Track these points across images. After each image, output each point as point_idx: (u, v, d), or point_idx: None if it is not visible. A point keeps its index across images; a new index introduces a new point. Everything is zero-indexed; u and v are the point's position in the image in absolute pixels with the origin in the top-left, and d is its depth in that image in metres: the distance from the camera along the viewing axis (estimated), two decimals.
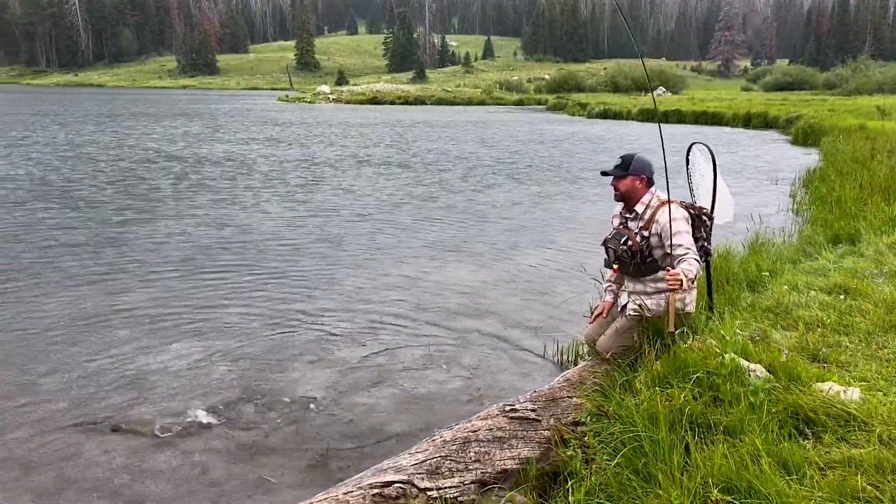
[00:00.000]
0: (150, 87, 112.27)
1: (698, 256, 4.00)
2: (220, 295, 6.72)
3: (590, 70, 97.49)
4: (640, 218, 4.15)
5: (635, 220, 4.18)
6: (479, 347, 5.49)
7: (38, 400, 4.46)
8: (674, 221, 4.01)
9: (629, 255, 4.10)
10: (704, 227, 4.27)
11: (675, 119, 36.47)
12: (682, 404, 3.12)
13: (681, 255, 3.94)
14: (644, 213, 4.14)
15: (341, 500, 2.78)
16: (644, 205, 4.16)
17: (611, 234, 4.28)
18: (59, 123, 30.81)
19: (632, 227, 4.17)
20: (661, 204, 4.11)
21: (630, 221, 4.20)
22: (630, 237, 4.10)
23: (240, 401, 4.50)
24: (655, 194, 4.20)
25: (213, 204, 11.69)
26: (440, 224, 10.35)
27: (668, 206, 4.07)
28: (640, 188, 4.16)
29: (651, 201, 4.16)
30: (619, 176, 4.17)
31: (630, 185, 4.16)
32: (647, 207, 4.15)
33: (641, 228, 4.11)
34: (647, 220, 4.11)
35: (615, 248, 4.16)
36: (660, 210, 4.08)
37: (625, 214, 4.25)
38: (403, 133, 29.15)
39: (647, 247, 4.07)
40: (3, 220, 10.02)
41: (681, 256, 3.93)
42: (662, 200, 4.14)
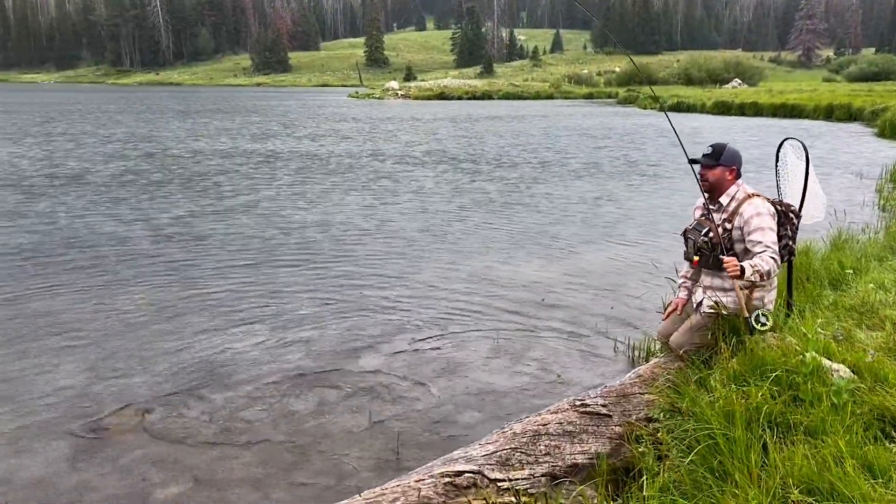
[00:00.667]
0: (225, 84, 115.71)
1: (777, 254, 3.88)
2: (291, 286, 6.90)
3: (662, 62, 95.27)
4: (724, 210, 4.04)
5: (718, 211, 4.07)
6: (549, 341, 5.48)
7: (128, 382, 4.68)
8: (758, 216, 3.89)
9: (709, 247, 4.00)
10: (791, 224, 4.12)
11: (752, 112, 35.36)
12: (760, 403, 3.04)
13: (758, 253, 3.83)
14: (729, 205, 4.03)
15: (413, 488, 2.83)
16: (729, 197, 4.04)
17: (691, 224, 4.19)
18: (143, 120, 32.12)
19: (714, 218, 4.06)
20: (748, 197, 4.00)
21: (713, 213, 4.09)
22: (712, 229, 4.00)
23: (313, 388, 4.62)
24: (742, 186, 4.08)
25: (285, 197, 11.98)
26: (508, 218, 10.33)
27: (754, 199, 3.96)
28: (729, 179, 4.05)
29: (737, 193, 4.04)
30: (709, 165, 4.05)
31: (720, 176, 4.05)
32: (732, 199, 4.03)
33: (724, 220, 3.99)
34: (731, 213, 4.00)
35: (695, 238, 4.07)
36: (745, 203, 3.97)
37: (708, 205, 4.14)
38: (470, 128, 29.18)
39: (729, 240, 3.96)
40: (90, 211, 10.52)
41: (758, 253, 3.83)
42: (749, 193, 4.03)
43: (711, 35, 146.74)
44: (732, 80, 65.62)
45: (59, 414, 4.24)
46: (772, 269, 3.80)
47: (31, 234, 9.05)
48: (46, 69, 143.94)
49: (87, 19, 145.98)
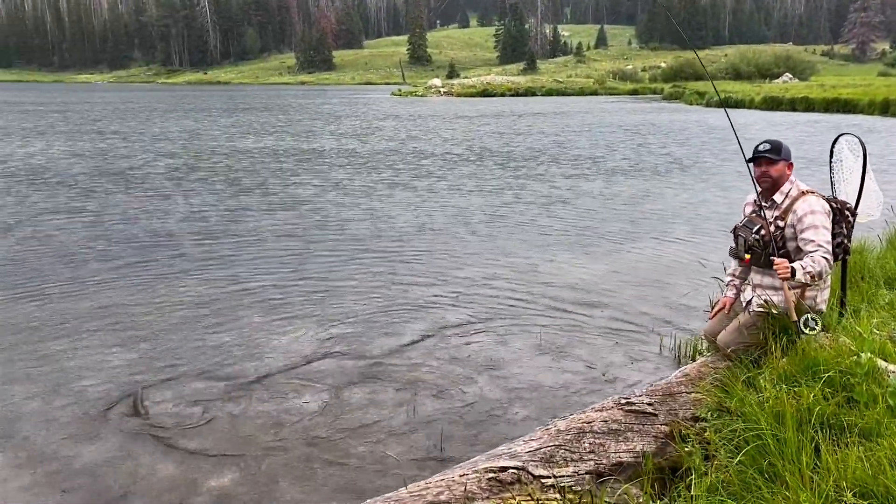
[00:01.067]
0: (270, 83, 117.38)
1: (830, 254, 3.78)
2: (336, 281, 6.97)
3: (709, 57, 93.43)
4: (777, 207, 3.94)
5: (771, 208, 3.97)
6: (593, 339, 5.43)
7: (177, 374, 4.80)
8: (811, 214, 3.79)
9: (761, 245, 3.91)
10: (846, 222, 3.99)
11: (803, 107, 34.44)
12: (812, 403, 2.97)
13: (810, 252, 3.74)
14: (783, 203, 3.93)
15: (458, 482, 2.84)
16: (783, 194, 3.94)
17: (741, 221, 4.10)
18: (192, 119, 32.81)
19: (766, 215, 3.97)
20: (802, 194, 3.90)
21: (766, 210, 4.00)
22: (763, 226, 3.91)
23: (357, 382, 4.67)
24: (796, 183, 3.97)
25: (330, 194, 12.12)
26: (552, 215, 10.27)
27: (808, 196, 3.86)
28: (788, 174, 3.96)
29: (791, 190, 3.94)
30: (772, 160, 3.94)
31: (781, 171, 3.94)
32: (786, 197, 3.93)
33: (777, 218, 3.90)
34: (784, 210, 3.90)
35: (746, 236, 3.98)
36: (799, 200, 3.87)
37: (759, 202, 4.05)
38: (512, 124, 29.07)
39: (781, 238, 3.87)
40: (142, 207, 10.80)
41: (810, 252, 3.74)
42: (802, 190, 3.93)
43: (761, 29, 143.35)
44: (783, 75, 63.98)
45: (111, 403, 4.37)
46: (823, 270, 3.71)
47: (86, 228, 9.33)
48: (100, 70, 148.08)
49: (139, 20, 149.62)
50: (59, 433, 4.01)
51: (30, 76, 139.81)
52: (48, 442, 3.91)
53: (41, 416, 4.22)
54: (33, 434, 4.00)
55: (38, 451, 3.82)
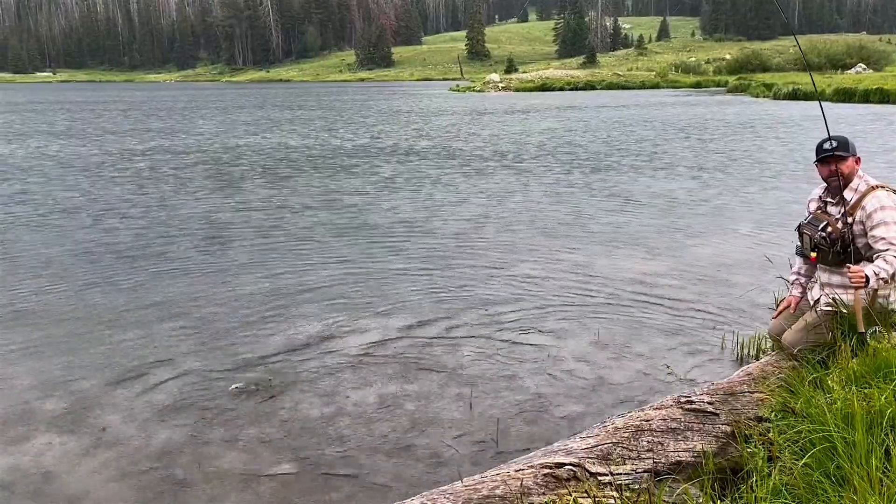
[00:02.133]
0: (330, 80, 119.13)
1: None
2: (393, 276, 7.04)
3: (776, 48, 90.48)
4: (846, 203, 3.78)
5: (837, 204, 3.83)
6: (652, 336, 5.35)
7: (238, 364, 4.94)
8: (881, 210, 3.64)
9: (828, 242, 3.78)
10: None
11: (877, 99, 33.02)
12: (884, 406, 2.86)
13: (881, 251, 3.59)
14: (851, 199, 3.78)
15: (514, 477, 2.84)
16: (853, 190, 3.80)
17: (806, 218, 3.96)
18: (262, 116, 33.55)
19: (832, 211, 3.83)
20: (871, 189, 3.74)
21: (830, 206, 3.86)
22: (830, 223, 3.78)
23: (414, 375, 4.71)
24: (864, 178, 3.83)
25: (388, 190, 12.23)
26: (611, 211, 10.14)
27: (878, 191, 3.71)
28: (857, 170, 3.82)
29: (860, 186, 3.80)
30: (843, 157, 3.79)
31: (852, 167, 3.81)
32: (855, 192, 3.80)
33: (845, 214, 3.75)
34: (852, 206, 3.75)
35: (812, 234, 3.85)
36: (868, 196, 3.72)
37: (825, 198, 3.91)
38: (571, 119, 28.76)
39: (850, 234, 3.73)
40: (202, 200, 11.12)
41: (881, 252, 3.59)
42: (871, 185, 3.77)
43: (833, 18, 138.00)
44: (856, 66, 61.48)
45: (176, 393, 4.52)
46: (895, 271, 3.57)
47: (145, 222, 9.66)
48: (168, 69, 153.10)
49: (205, 21, 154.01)
50: (132, 420, 4.18)
51: (102, 76, 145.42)
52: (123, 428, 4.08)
53: (114, 403, 4.39)
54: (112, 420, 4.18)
55: (113, 437, 3.99)
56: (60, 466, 3.67)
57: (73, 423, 4.12)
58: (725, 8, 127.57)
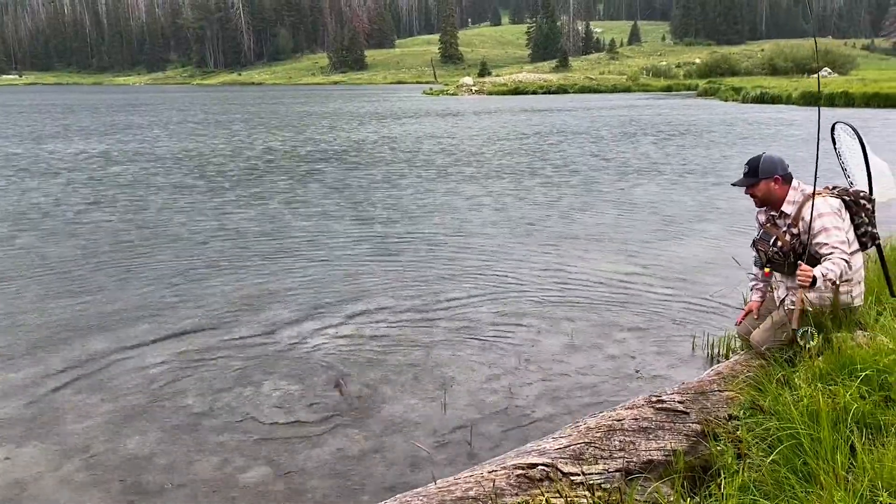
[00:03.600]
0: (303, 83, 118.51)
1: (846, 253, 3.73)
2: (365, 278, 7.02)
3: (745, 52, 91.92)
4: (787, 216, 3.93)
5: (782, 217, 3.96)
6: (625, 337, 5.39)
7: (211, 372, 4.89)
8: (819, 217, 3.76)
9: (781, 255, 3.89)
10: (864, 210, 3.94)
11: (843, 102, 33.68)
12: (848, 403, 2.92)
13: (826, 255, 3.71)
14: (791, 212, 3.91)
15: (486, 478, 2.84)
16: (791, 203, 3.92)
17: (759, 234, 4.09)
18: (241, 120, 33.24)
19: (780, 224, 3.95)
20: (807, 199, 3.85)
21: (777, 219, 3.98)
22: (779, 236, 3.90)
23: (387, 377, 4.70)
24: (800, 189, 3.94)
25: (361, 193, 12.20)
26: (583, 213, 10.21)
27: (813, 200, 3.81)
28: (778, 189, 3.93)
29: (796, 198, 3.92)
30: (750, 184, 3.97)
31: (766, 190, 3.95)
32: (793, 205, 3.92)
33: (790, 226, 3.89)
34: (794, 217, 3.89)
35: (765, 249, 3.97)
36: (804, 206, 3.84)
37: (770, 212, 4.03)
38: (542, 122, 28.93)
39: (800, 244, 3.84)
40: (178, 208, 10.99)
41: (826, 256, 3.70)
42: (807, 194, 3.88)
43: (799, 23, 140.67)
44: (822, 69, 62.69)
45: (144, 398, 4.46)
46: (843, 271, 3.70)
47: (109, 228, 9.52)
48: (137, 71, 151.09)
49: (175, 22, 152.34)
50: (100, 426, 4.11)
51: (69, 78, 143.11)
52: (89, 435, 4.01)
53: (81, 409, 4.32)
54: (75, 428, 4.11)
55: (81, 444, 3.92)
56: (27, 475, 3.60)
57: (40, 430, 4.05)
58: (695, 13, 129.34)
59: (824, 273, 3.62)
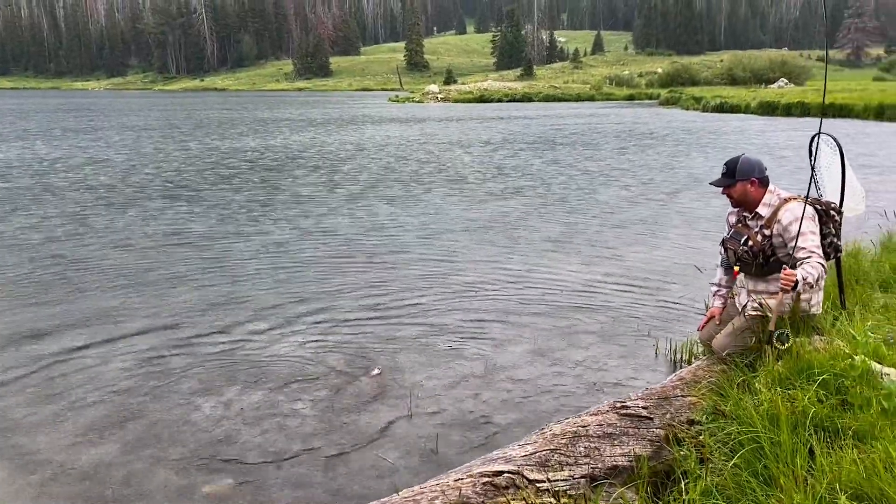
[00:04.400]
0: (268, 90, 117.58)
1: (823, 258, 3.81)
2: (328, 287, 6.96)
3: (705, 62, 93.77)
4: (761, 217, 3.98)
5: (754, 219, 4.01)
6: (589, 343, 5.43)
7: (171, 383, 4.79)
8: (796, 221, 3.81)
9: (751, 255, 3.94)
10: (833, 222, 4.03)
11: (799, 112, 34.54)
12: (807, 406, 2.97)
13: (804, 258, 3.76)
14: (766, 213, 3.97)
15: (452, 487, 2.83)
16: (766, 206, 3.98)
17: (728, 233, 4.14)
18: (204, 126, 32.79)
19: (751, 225, 4.01)
20: (784, 202, 3.92)
21: (749, 220, 4.04)
22: (750, 236, 3.95)
23: (352, 387, 4.66)
24: (776, 193, 4.01)
25: (318, 201, 12.12)
26: (547, 220, 10.28)
27: (790, 203, 3.88)
28: (753, 191, 3.99)
29: (772, 200, 3.98)
30: (728, 185, 4.03)
31: (742, 191, 4.00)
32: (769, 207, 3.97)
33: (762, 227, 3.94)
34: (767, 220, 3.94)
35: (735, 248, 4.01)
36: (782, 209, 3.90)
37: (743, 213, 4.09)
38: (507, 129, 29.11)
39: (770, 247, 3.90)
40: (136, 216, 10.80)
41: (804, 259, 3.75)
42: (784, 198, 3.95)
43: (756, 34, 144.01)
44: (778, 80, 64.25)
45: (103, 409, 4.35)
46: (820, 276, 3.75)
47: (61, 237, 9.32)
48: (97, 77, 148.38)
49: (136, 27, 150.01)
50: (58, 440, 4.00)
51: (26, 83, 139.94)
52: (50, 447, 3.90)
53: (38, 423, 4.20)
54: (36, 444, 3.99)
55: (40, 458, 3.81)
56: None
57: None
58: (656, 23, 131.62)
59: (805, 276, 3.66)
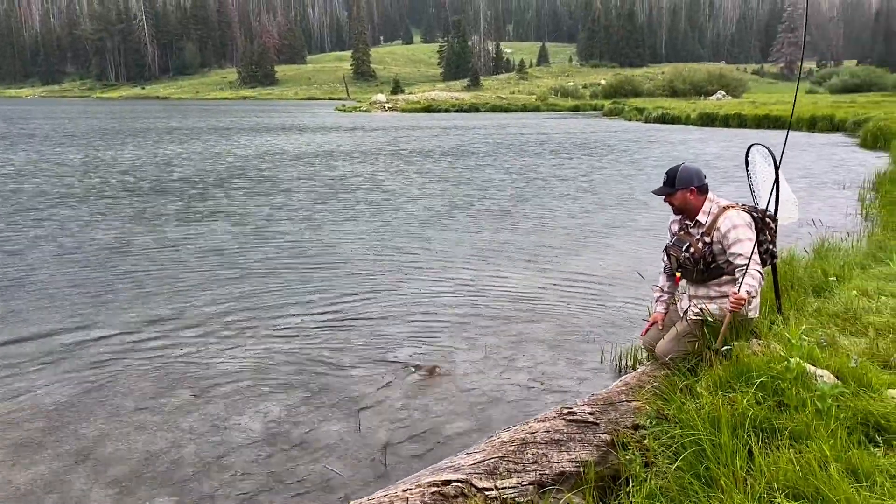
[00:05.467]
0: (211, 98, 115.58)
1: (759, 265, 3.93)
2: (277, 299, 6.87)
3: (647, 74, 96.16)
4: (701, 225, 4.09)
5: (696, 226, 4.12)
6: (536, 352, 5.48)
7: (113, 397, 4.64)
8: (734, 229, 3.93)
9: (692, 261, 4.04)
10: (769, 229, 4.16)
11: (736, 123, 35.71)
12: (746, 409, 3.06)
13: (741, 266, 3.87)
14: (706, 221, 4.07)
15: (401, 497, 2.81)
16: (706, 214, 4.09)
17: (671, 241, 4.24)
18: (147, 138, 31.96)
19: (693, 232, 4.11)
20: (722, 210, 4.03)
21: (690, 228, 4.14)
22: (692, 243, 4.05)
23: (299, 399, 4.60)
24: (715, 201, 4.12)
25: (268, 214, 11.96)
26: (494, 230, 10.35)
27: (729, 211, 4.00)
28: (693, 199, 4.09)
29: (712, 209, 4.09)
30: (668, 193, 4.13)
31: (682, 199, 4.10)
32: (708, 215, 4.08)
33: (703, 234, 4.04)
34: (707, 227, 4.04)
35: (677, 255, 4.11)
36: (721, 217, 4.01)
37: (684, 221, 4.19)
38: (456, 140, 29.26)
39: (710, 254, 4.01)
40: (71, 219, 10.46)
41: (742, 268, 3.86)
42: (723, 206, 4.06)
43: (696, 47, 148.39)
44: (717, 92, 66.30)
45: (36, 429, 4.19)
46: (759, 283, 3.88)
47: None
48: (31, 83, 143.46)
49: (73, 33, 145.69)
50: None
51: None
52: None
53: None
54: None
55: None
56: None
57: None
58: (600, 36, 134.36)
59: (749, 291, 3.78)
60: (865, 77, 76.78)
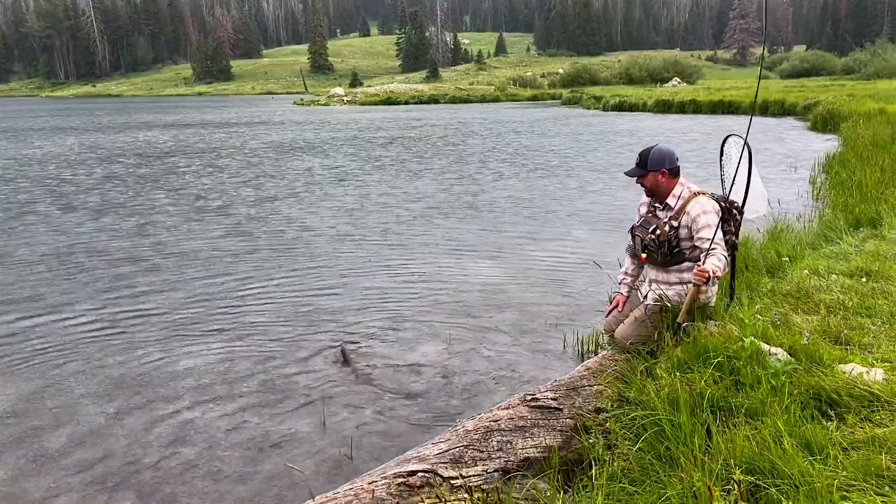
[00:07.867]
0: (166, 95, 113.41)
1: (725, 250, 3.99)
2: (241, 295, 6.79)
3: (604, 63, 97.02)
4: (670, 208, 4.12)
5: (664, 210, 4.15)
6: (499, 340, 5.52)
7: (70, 400, 4.55)
8: (704, 214, 3.98)
9: (657, 244, 4.08)
10: (734, 220, 4.21)
11: (692, 109, 36.25)
12: (703, 388, 3.12)
13: (709, 250, 3.91)
14: (675, 205, 4.10)
15: (366, 490, 2.81)
16: (676, 197, 4.12)
17: (638, 221, 4.27)
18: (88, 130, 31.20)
19: (661, 216, 4.15)
20: (693, 195, 4.08)
21: (659, 211, 4.18)
22: (658, 226, 4.09)
23: (264, 396, 4.56)
24: (686, 185, 4.15)
25: (230, 207, 11.80)
26: (455, 219, 10.37)
27: (699, 197, 4.05)
28: (664, 182, 4.11)
29: (682, 193, 4.12)
30: (639, 174, 4.13)
31: (653, 181, 4.11)
32: (678, 199, 4.11)
33: (671, 218, 4.08)
34: (676, 211, 4.08)
35: (643, 236, 4.15)
36: (691, 201, 4.05)
37: (654, 203, 4.22)
38: (415, 131, 29.19)
39: (676, 237, 4.05)
40: (35, 224, 10.20)
41: (709, 251, 3.90)
42: (693, 192, 4.11)
43: (651, 35, 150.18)
44: (672, 79, 67.21)
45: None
46: (725, 266, 3.92)
47: None
48: None
49: (19, 31, 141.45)
50: None
51: None
52: None
53: None
54: None
55: None
56: None
57: None
58: (556, 25, 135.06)
59: (714, 270, 3.80)
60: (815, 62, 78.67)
